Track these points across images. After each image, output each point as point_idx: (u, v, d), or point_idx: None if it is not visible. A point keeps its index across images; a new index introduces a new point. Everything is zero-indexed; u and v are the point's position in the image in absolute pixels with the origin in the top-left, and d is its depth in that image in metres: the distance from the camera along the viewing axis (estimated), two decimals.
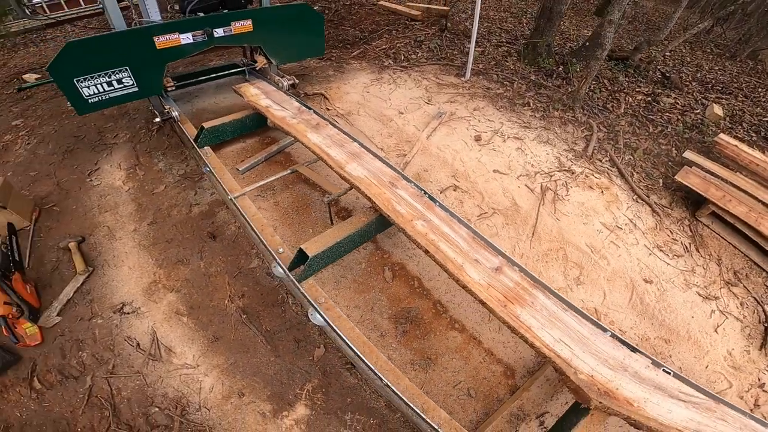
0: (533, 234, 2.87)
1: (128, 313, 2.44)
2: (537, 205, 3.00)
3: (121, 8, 2.94)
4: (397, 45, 5.11)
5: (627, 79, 5.01)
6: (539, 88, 4.46)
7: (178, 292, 2.54)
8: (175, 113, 3.21)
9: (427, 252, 1.99)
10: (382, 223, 2.45)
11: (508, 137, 3.68)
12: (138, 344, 2.30)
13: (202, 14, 3.30)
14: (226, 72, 4.03)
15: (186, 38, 3.04)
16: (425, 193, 2.40)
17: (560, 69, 4.85)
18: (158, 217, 2.94)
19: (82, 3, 5.14)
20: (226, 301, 2.49)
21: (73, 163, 3.46)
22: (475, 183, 3.24)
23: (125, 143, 3.60)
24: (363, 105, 4.00)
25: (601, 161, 3.46)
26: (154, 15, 3.21)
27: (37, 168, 3.47)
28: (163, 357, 2.26)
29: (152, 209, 3.00)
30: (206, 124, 3.04)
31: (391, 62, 4.73)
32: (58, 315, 2.44)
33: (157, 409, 2.05)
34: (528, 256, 2.78)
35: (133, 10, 3.83)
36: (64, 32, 8.80)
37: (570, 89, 4.46)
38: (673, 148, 3.76)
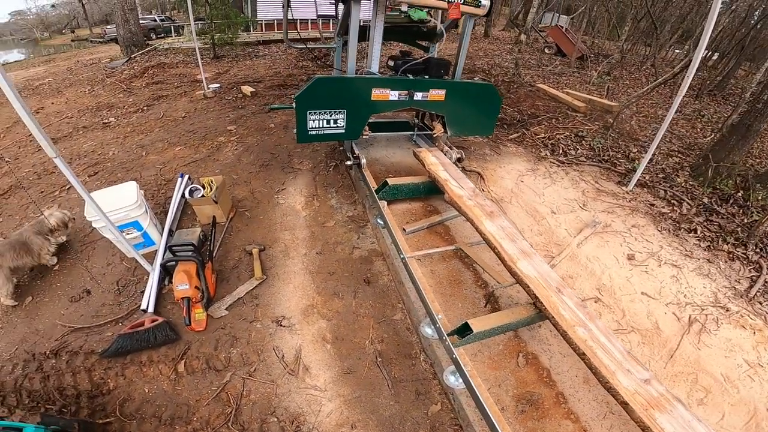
0: (671, 358, 2.80)
1: (284, 326, 2.80)
2: (680, 333, 2.90)
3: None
4: (557, 136, 5.16)
5: None
6: (711, 214, 4.07)
7: (329, 321, 2.84)
8: (363, 160, 3.76)
9: (583, 356, 2.12)
10: (536, 319, 2.59)
11: (665, 263, 3.47)
12: (283, 356, 2.61)
13: (410, 76, 3.76)
14: (400, 129, 4.59)
15: (394, 95, 3.55)
16: (587, 306, 2.47)
17: (739, 195, 4.34)
18: (325, 249, 3.41)
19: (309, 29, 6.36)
20: (367, 342, 2.73)
21: (267, 177, 4.24)
22: (618, 300, 3.16)
23: (308, 171, 4.30)
24: (516, 194, 4.13)
25: (761, 304, 3.15)
26: (374, 67, 3.65)
27: (239, 173, 4.34)
28: (300, 374, 2.52)
29: (321, 240, 3.48)
30: (390, 181, 3.46)
31: (548, 154, 4.80)
32: (226, 309, 2.79)
33: (275, 419, 2.23)
34: (657, 373, 2.72)
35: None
36: (270, 51, 10.94)
37: (746, 221, 3.98)
38: None
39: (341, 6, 4.13)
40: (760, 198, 4.25)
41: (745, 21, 9.44)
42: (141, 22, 18.95)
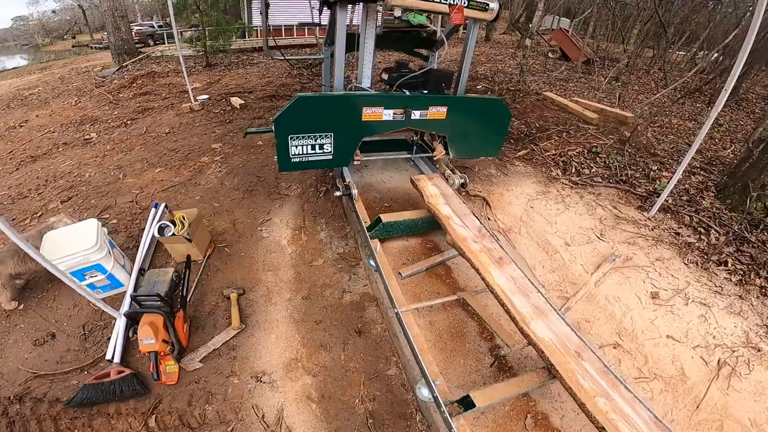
0: (697, 407, 2.53)
1: (264, 383, 2.48)
2: (708, 379, 2.64)
3: None
4: (569, 153, 4.75)
5: None
6: (742, 243, 3.65)
7: (315, 377, 2.53)
8: (354, 191, 3.34)
9: (602, 430, 1.87)
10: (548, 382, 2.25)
11: (693, 301, 3.10)
12: (263, 416, 2.31)
13: (407, 92, 3.34)
14: (396, 148, 4.16)
15: (388, 115, 3.13)
16: (612, 371, 2.14)
17: None
18: (312, 293, 3.03)
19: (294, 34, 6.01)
20: (357, 400, 2.42)
21: (251, 204, 3.86)
22: (641, 345, 2.85)
23: (296, 198, 3.91)
24: (525, 223, 3.72)
25: None
26: (365, 81, 3.31)
27: (220, 200, 3.95)
28: None
29: (308, 283, 3.11)
30: (384, 217, 3.07)
31: (560, 173, 4.39)
32: (200, 361, 2.53)
33: None
34: (679, 422, 2.50)
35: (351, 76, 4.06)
36: (265, 58, 10.56)
37: None
38: None
39: (327, 12, 3.67)
40: None
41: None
42: (139, 28, 18.76)
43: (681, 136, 5.95)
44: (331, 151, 3.11)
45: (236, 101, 6.37)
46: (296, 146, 2.97)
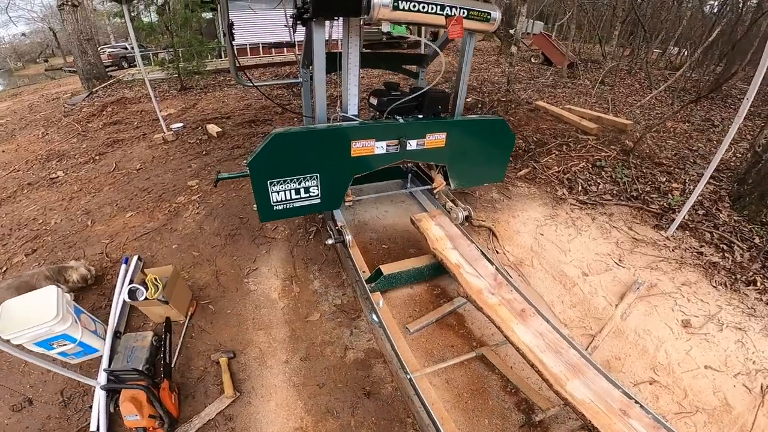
0: None
1: None
2: (754, 406, 2.51)
3: None
4: (572, 169, 4.49)
5: None
6: (766, 257, 3.42)
7: None
8: (348, 236, 2.96)
9: None
10: None
11: (727, 326, 2.91)
12: None
13: (400, 118, 2.92)
14: (389, 177, 3.81)
15: (380, 147, 2.77)
16: (664, 424, 1.90)
17: None
18: (311, 352, 2.67)
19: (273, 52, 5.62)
20: None
21: (234, 252, 3.46)
22: (679, 379, 2.68)
23: (283, 241, 3.52)
24: (537, 254, 3.41)
25: None
26: (351, 108, 2.91)
27: (200, 248, 3.54)
28: None
29: (305, 341, 2.74)
30: (385, 269, 2.71)
31: (566, 193, 4.11)
32: None
33: None
34: None
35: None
36: (249, 74, 10.18)
37: None
38: None
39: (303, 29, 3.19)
40: None
41: (740, 20, 9.04)
42: (112, 50, 18.08)
43: (680, 141, 5.78)
44: (318, 194, 2.75)
45: (213, 129, 5.94)
46: (277, 192, 2.61)
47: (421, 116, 3.10)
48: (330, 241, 2.98)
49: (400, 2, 2.24)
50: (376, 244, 3.40)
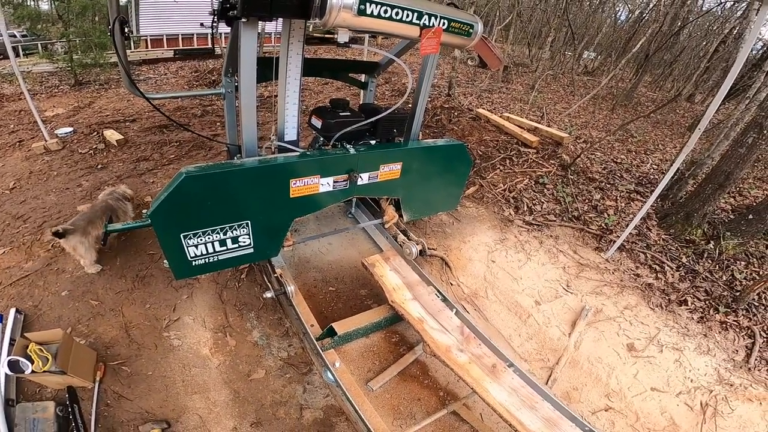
0: None
1: None
2: (697, 423, 2.69)
3: None
4: (517, 186, 4.47)
5: None
6: (694, 276, 3.69)
7: None
8: (291, 287, 2.47)
9: None
10: None
11: (666, 347, 3.11)
12: None
13: (350, 147, 2.42)
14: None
15: (326, 184, 2.30)
16: None
17: (710, 245, 4.03)
18: (262, 416, 2.23)
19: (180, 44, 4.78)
20: None
21: (146, 299, 2.81)
22: (630, 403, 2.82)
23: (209, 283, 2.94)
24: (490, 283, 3.28)
25: (760, 371, 3.00)
26: (289, 133, 2.36)
27: (100, 294, 2.83)
28: None
29: (253, 404, 2.28)
30: (338, 327, 2.31)
31: (513, 213, 4.06)
32: None
33: None
34: None
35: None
36: (156, 73, 8.78)
37: (725, 277, 3.68)
38: None
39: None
40: (730, 247, 3.97)
41: (659, 31, 9.98)
42: None
43: (606, 152, 6.14)
44: (250, 244, 2.26)
45: (112, 135, 4.90)
46: (195, 246, 2.06)
47: (373, 141, 2.67)
48: (269, 295, 2.47)
49: (367, 5, 1.75)
50: (321, 286, 2.98)
